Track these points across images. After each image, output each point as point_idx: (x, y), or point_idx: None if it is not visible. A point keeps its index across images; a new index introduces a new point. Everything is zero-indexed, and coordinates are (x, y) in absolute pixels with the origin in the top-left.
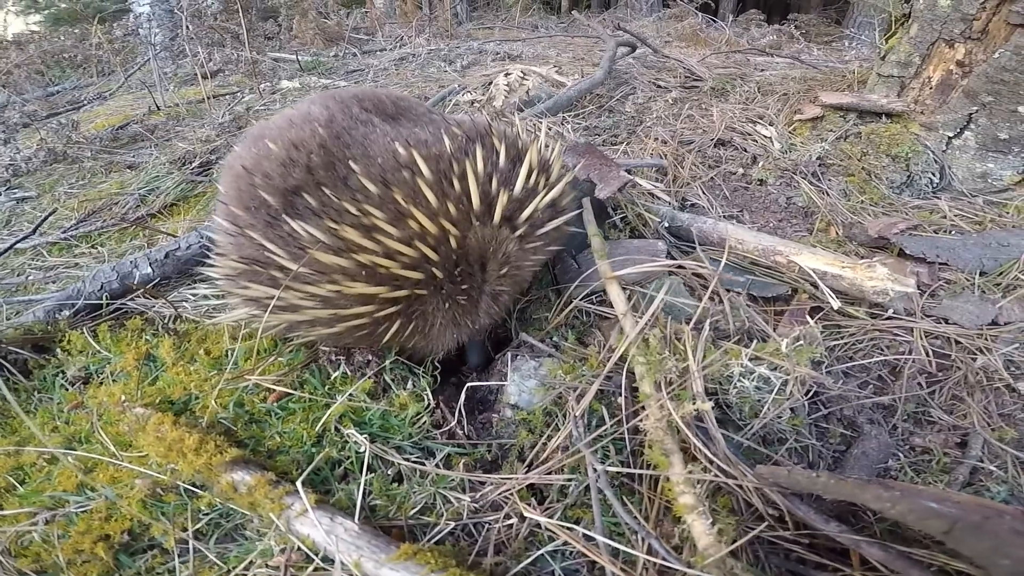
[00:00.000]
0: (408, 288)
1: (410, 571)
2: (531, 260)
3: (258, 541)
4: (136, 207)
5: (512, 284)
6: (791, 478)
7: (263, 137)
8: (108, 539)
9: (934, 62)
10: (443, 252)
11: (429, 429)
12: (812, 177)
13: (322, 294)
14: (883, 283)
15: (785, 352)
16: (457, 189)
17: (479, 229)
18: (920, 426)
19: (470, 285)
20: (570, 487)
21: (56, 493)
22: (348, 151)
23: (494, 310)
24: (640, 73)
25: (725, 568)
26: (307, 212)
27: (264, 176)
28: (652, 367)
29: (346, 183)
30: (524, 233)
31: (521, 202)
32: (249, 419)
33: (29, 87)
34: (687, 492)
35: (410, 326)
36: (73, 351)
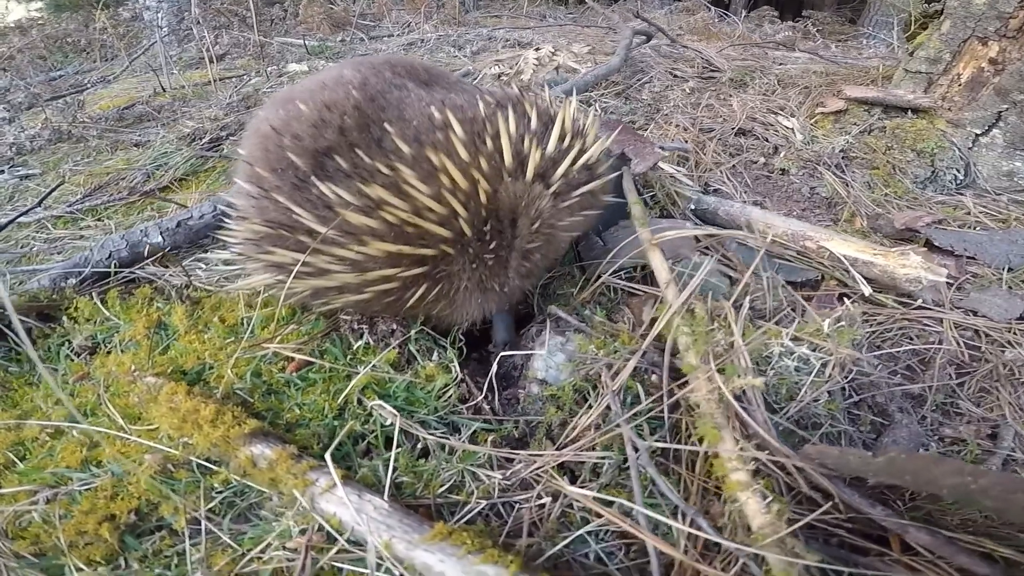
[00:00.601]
0: (435, 247)
1: (445, 553)
2: (565, 222)
3: (275, 521)
4: (144, 181)
5: (544, 246)
6: (841, 459)
7: (292, 99)
8: (113, 519)
9: (965, 59)
10: (472, 208)
11: (455, 403)
12: (836, 169)
13: (351, 256)
14: (917, 271)
15: (827, 332)
16: (489, 147)
17: (510, 184)
18: (948, 417)
19: (498, 243)
20: (603, 466)
21: (58, 470)
22: (383, 113)
23: (524, 269)
24: (656, 62)
25: (786, 547)
26: (338, 174)
27: (293, 137)
28: (699, 338)
29: (380, 145)
30: (559, 190)
31: (555, 161)
32: (267, 390)
33: (31, 72)
34: (740, 469)
35: (436, 289)
36: (80, 319)
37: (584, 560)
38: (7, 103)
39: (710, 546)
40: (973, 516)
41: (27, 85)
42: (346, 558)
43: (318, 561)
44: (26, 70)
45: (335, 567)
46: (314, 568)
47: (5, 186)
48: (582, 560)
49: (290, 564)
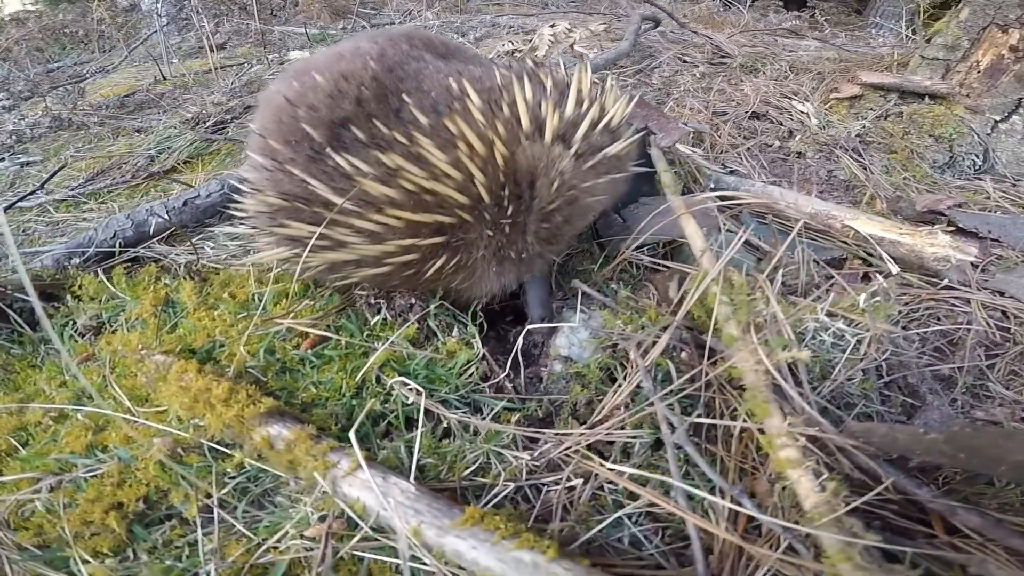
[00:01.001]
0: (453, 214)
1: (478, 538)
2: (589, 184)
3: (292, 508)
4: (148, 164)
5: (568, 210)
6: (889, 436)
7: (308, 71)
8: (121, 508)
9: (984, 46)
10: (490, 172)
11: (477, 382)
12: (853, 152)
13: (369, 227)
14: (945, 250)
15: (862, 307)
16: (506, 113)
17: (528, 147)
18: (979, 399)
19: (515, 207)
20: (634, 446)
21: (63, 455)
22: (402, 84)
23: (544, 232)
24: (664, 48)
25: (844, 527)
26: (355, 145)
27: (309, 108)
28: (741, 307)
29: (398, 115)
30: (580, 151)
31: (574, 123)
32: (281, 368)
33: (29, 64)
34: (789, 445)
35: (455, 259)
36: (84, 297)
37: (617, 544)
38: (7, 91)
39: (749, 529)
40: (1011, 500)
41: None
42: (368, 546)
43: (338, 551)
44: (23, 62)
45: (356, 556)
46: (335, 558)
47: (6, 173)
48: (615, 544)
49: (308, 554)
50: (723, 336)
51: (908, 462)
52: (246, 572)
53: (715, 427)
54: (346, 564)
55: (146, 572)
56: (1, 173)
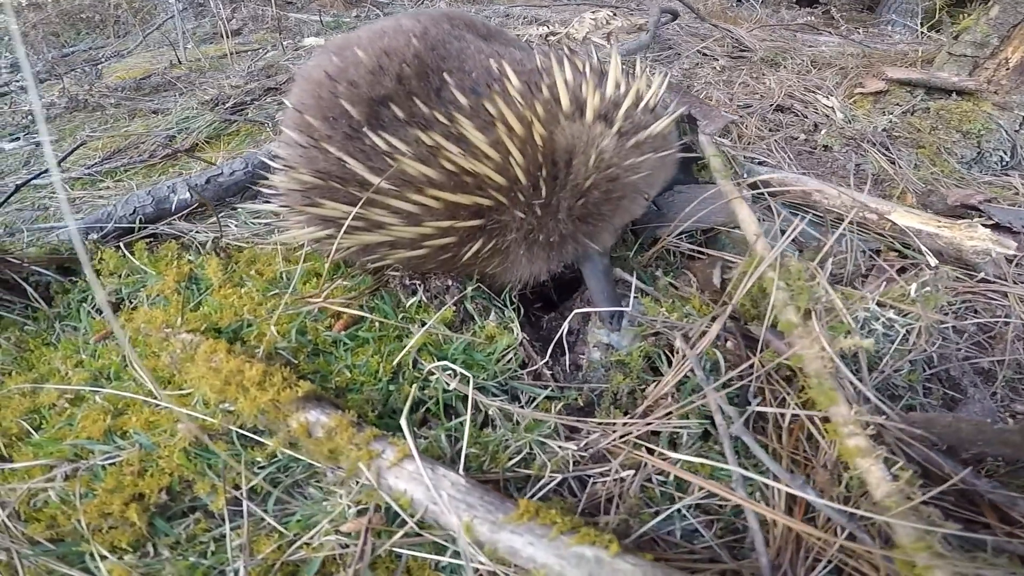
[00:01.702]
0: (490, 196)
1: (534, 534)
2: (632, 162)
3: (326, 501)
4: (167, 144)
5: (605, 187)
6: (953, 426)
7: (349, 46)
8: (142, 499)
9: (1014, 43)
10: (529, 153)
11: (516, 368)
12: (880, 147)
13: (407, 208)
14: (984, 243)
15: (913, 297)
16: (546, 95)
17: (567, 127)
18: (1018, 393)
19: (549, 188)
20: (682, 436)
21: (79, 441)
22: (444, 63)
23: (580, 211)
24: (684, 40)
25: (922, 516)
26: (394, 123)
27: (349, 84)
28: (802, 293)
29: (439, 94)
30: (623, 130)
31: (616, 104)
32: (313, 350)
33: (45, 48)
34: (857, 434)
35: (491, 243)
36: (104, 271)
37: (668, 538)
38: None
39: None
40: None
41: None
42: (408, 543)
43: (376, 548)
44: (40, 46)
45: (394, 554)
46: (374, 555)
47: (21, 152)
48: (666, 538)
49: (344, 551)
50: (781, 323)
51: (959, 453)
52: (277, 570)
53: (764, 419)
54: (383, 562)
55: (168, 569)
56: (16, 152)
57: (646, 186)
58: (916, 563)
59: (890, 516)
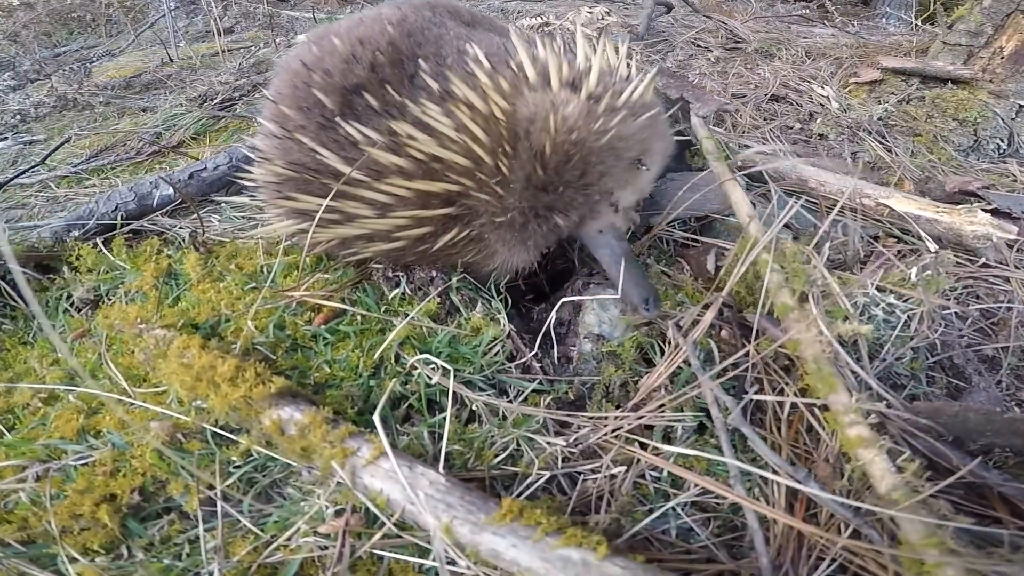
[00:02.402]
0: (457, 182)
1: (518, 535)
2: (600, 125)
3: (303, 501)
4: (154, 141)
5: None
6: (959, 416)
7: (328, 35)
8: (114, 500)
9: (1008, 32)
10: (492, 131)
11: (503, 361)
12: (876, 135)
13: (378, 198)
14: (985, 228)
15: (914, 282)
16: (514, 66)
17: (530, 96)
18: (1023, 381)
19: (508, 163)
20: (676, 430)
21: (51, 441)
22: (419, 49)
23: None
24: (677, 32)
25: (932, 510)
26: (367, 113)
27: (324, 73)
28: (797, 275)
29: (412, 81)
30: (594, 94)
31: (586, 72)
32: (291, 345)
33: (37, 47)
34: (859, 423)
35: (464, 232)
36: (82, 268)
37: (663, 537)
38: (12, 72)
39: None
40: None
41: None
42: (388, 544)
43: (356, 550)
44: (31, 46)
45: (375, 555)
46: (352, 557)
47: (8, 151)
48: (660, 537)
49: (323, 553)
50: (776, 306)
51: (966, 445)
52: (253, 572)
53: (763, 411)
54: (364, 564)
55: (141, 572)
56: (4, 152)
57: (635, 150)
58: (925, 560)
59: (897, 510)
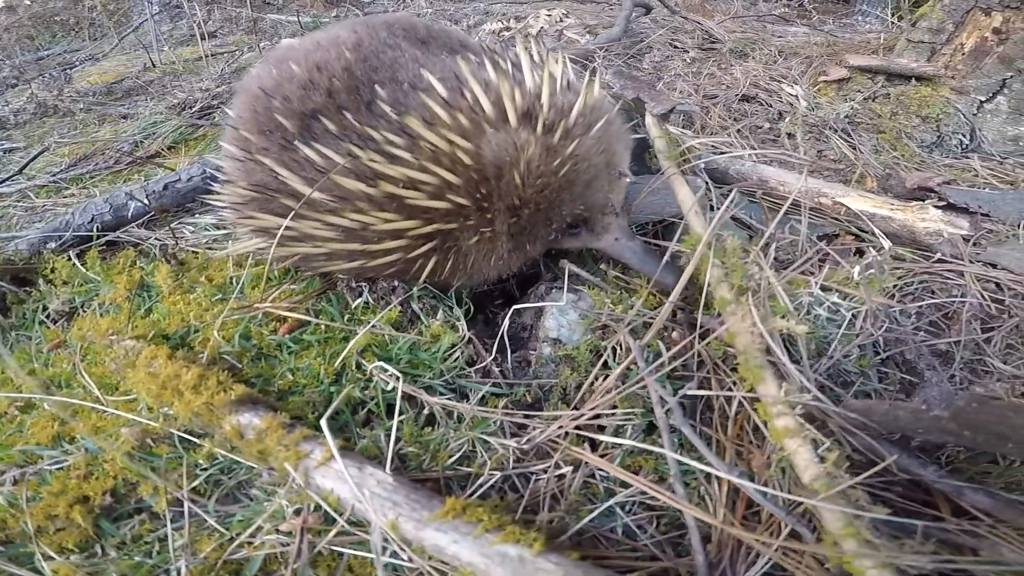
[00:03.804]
0: (438, 221)
1: (459, 531)
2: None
3: (267, 501)
4: (132, 150)
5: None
6: (890, 414)
7: (286, 59)
8: (87, 501)
9: (968, 29)
10: (461, 172)
11: (463, 366)
12: (842, 133)
13: (345, 224)
14: (936, 224)
15: (857, 280)
16: (470, 100)
17: (493, 137)
18: (977, 375)
19: (492, 204)
20: (627, 430)
21: (28, 447)
22: (375, 74)
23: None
24: (656, 33)
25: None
26: (325, 136)
27: (283, 99)
28: (735, 270)
29: (370, 108)
30: (547, 123)
31: (537, 96)
32: (257, 354)
33: (19, 51)
34: (786, 414)
35: (448, 264)
36: (57, 281)
37: (611, 535)
38: None
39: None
40: (1018, 478)
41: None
42: (347, 541)
43: (315, 545)
44: (13, 50)
45: (335, 551)
46: (312, 553)
47: None
48: (608, 535)
49: (285, 549)
50: (716, 301)
51: (910, 441)
52: (219, 568)
53: (710, 409)
54: (325, 560)
55: (114, 568)
56: None
57: (601, 160)
58: (844, 553)
59: (817, 500)
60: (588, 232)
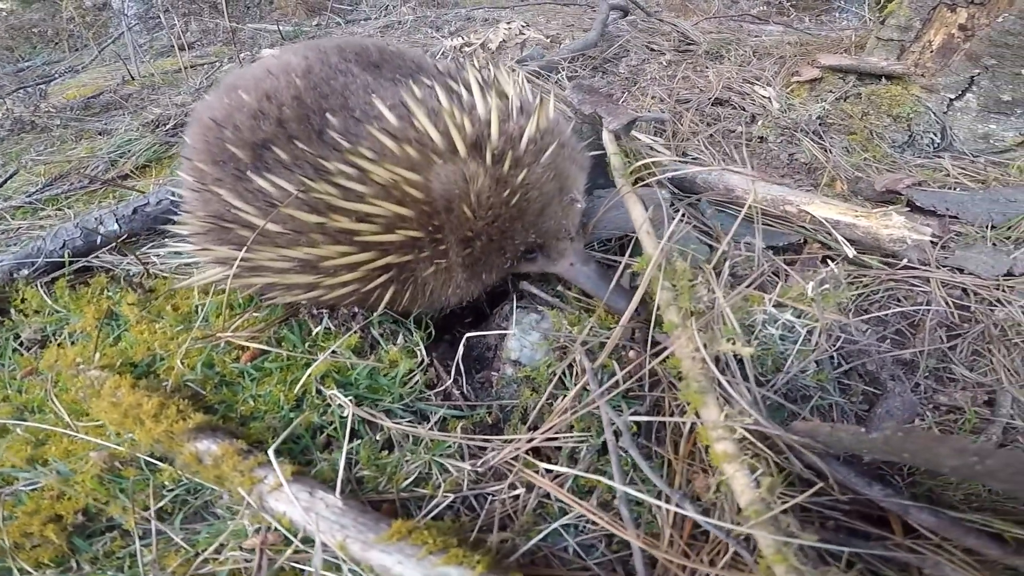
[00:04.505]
0: (393, 253)
1: (404, 553)
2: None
3: (230, 520)
4: (106, 170)
5: (498, 230)
6: (833, 435)
7: (237, 87)
8: (60, 520)
9: (935, 26)
10: (412, 206)
11: (422, 389)
12: (813, 135)
13: (300, 257)
14: (900, 231)
15: (811, 296)
16: (419, 130)
17: (441, 170)
18: (943, 383)
19: (445, 236)
20: (582, 451)
21: (3, 469)
22: (325, 102)
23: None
24: (633, 37)
25: (780, 526)
26: (277, 166)
27: (234, 128)
28: (683, 293)
29: (321, 137)
30: (496, 153)
31: (487, 123)
32: (220, 381)
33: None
34: (725, 438)
35: (406, 294)
36: (28, 310)
37: (564, 554)
38: None
39: (697, 536)
40: (978, 491)
41: None
42: (304, 558)
43: (275, 562)
44: None
45: (295, 567)
46: (273, 568)
47: None
48: (561, 555)
49: (248, 565)
50: (664, 324)
51: (862, 459)
52: None
53: (664, 429)
54: (286, 575)
55: None
56: None
57: (554, 186)
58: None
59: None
60: (544, 257)
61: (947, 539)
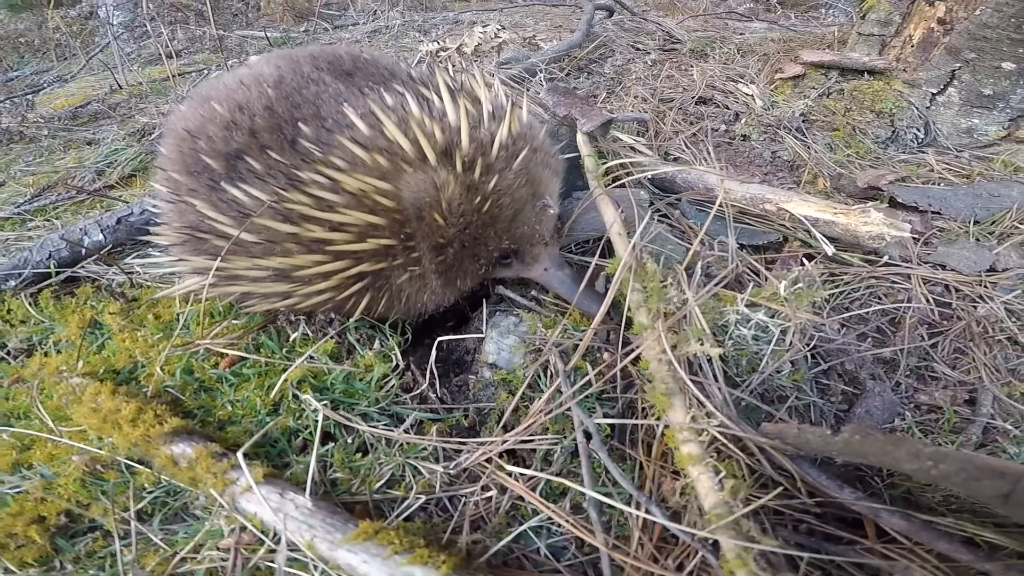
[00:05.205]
0: (366, 261)
1: (370, 553)
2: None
3: (207, 521)
4: (93, 180)
5: (470, 237)
6: (801, 437)
7: (209, 99)
8: (43, 521)
9: (915, 20)
10: (383, 214)
11: (398, 393)
12: (796, 132)
13: (274, 266)
14: (879, 228)
15: (783, 296)
16: (388, 138)
17: (411, 178)
18: (923, 382)
19: (417, 244)
20: (555, 453)
21: None
22: (297, 111)
23: (454, 253)
24: (618, 36)
25: (741, 531)
26: (250, 176)
27: (207, 139)
28: (653, 295)
29: (294, 147)
30: (466, 160)
31: (458, 130)
32: (199, 387)
33: None
34: (691, 440)
35: (382, 300)
36: (14, 320)
37: (536, 556)
38: None
39: (668, 539)
40: (956, 492)
41: None
42: (280, 558)
43: (250, 561)
44: None
45: (269, 567)
46: (249, 567)
47: None
48: (532, 556)
49: (224, 564)
50: (635, 325)
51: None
52: None
53: (637, 431)
54: (261, 573)
55: None
56: None
57: (526, 191)
58: None
59: (711, 530)
60: (519, 263)
61: (919, 543)
